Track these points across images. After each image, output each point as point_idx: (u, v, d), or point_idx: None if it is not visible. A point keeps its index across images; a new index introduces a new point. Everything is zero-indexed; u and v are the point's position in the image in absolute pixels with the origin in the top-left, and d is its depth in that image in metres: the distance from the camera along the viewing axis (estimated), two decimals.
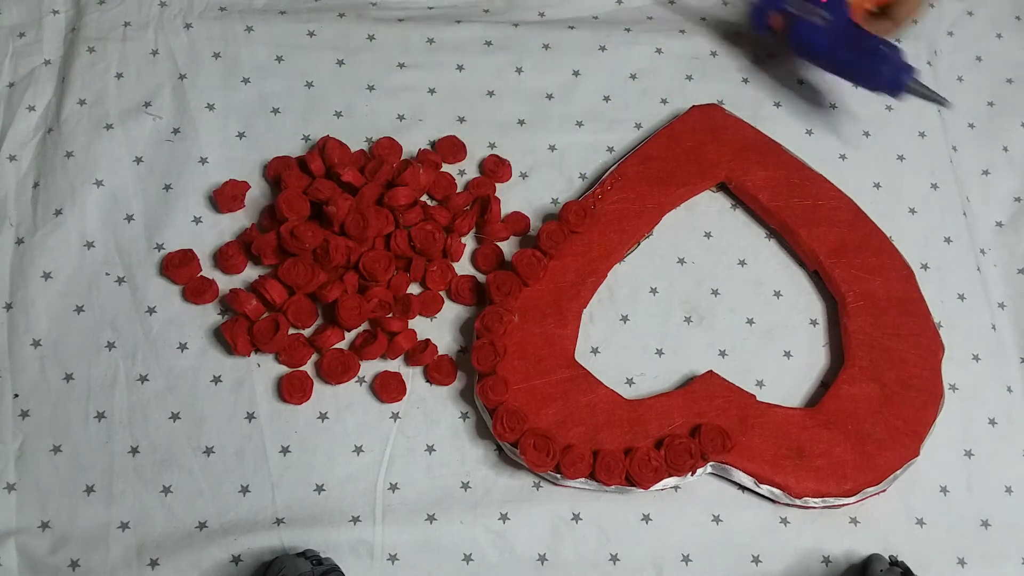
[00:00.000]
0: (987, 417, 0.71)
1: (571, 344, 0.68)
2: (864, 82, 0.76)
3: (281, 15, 0.79)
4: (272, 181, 0.73)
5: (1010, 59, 0.86)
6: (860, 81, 0.76)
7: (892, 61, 0.74)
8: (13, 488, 0.63)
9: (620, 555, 0.65)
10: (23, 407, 0.65)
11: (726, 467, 0.65)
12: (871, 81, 0.75)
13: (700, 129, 0.76)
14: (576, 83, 0.79)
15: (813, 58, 0.77)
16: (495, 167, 0.75)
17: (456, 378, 0.68)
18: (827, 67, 0.77)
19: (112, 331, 0.67)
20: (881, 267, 0.72)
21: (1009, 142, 0.82)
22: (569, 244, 0.71)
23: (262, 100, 0.76)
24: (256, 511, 0.64)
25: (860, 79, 0.76)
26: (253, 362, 0.68)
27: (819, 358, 0.72)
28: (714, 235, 0.75)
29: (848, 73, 0.76)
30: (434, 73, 0.78)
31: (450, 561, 0.64)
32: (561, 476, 0.64)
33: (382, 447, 0.66)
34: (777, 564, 0.65)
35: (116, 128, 0.73)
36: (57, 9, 0.77)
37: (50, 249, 0.69)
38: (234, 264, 0.69)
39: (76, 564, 0.62)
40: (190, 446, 0.65)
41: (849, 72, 0.76)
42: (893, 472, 0.66)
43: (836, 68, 0.76)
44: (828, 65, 0.77)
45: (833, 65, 0.76)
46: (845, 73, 0.76)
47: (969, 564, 0.67)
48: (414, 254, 0.70)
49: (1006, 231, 0.78)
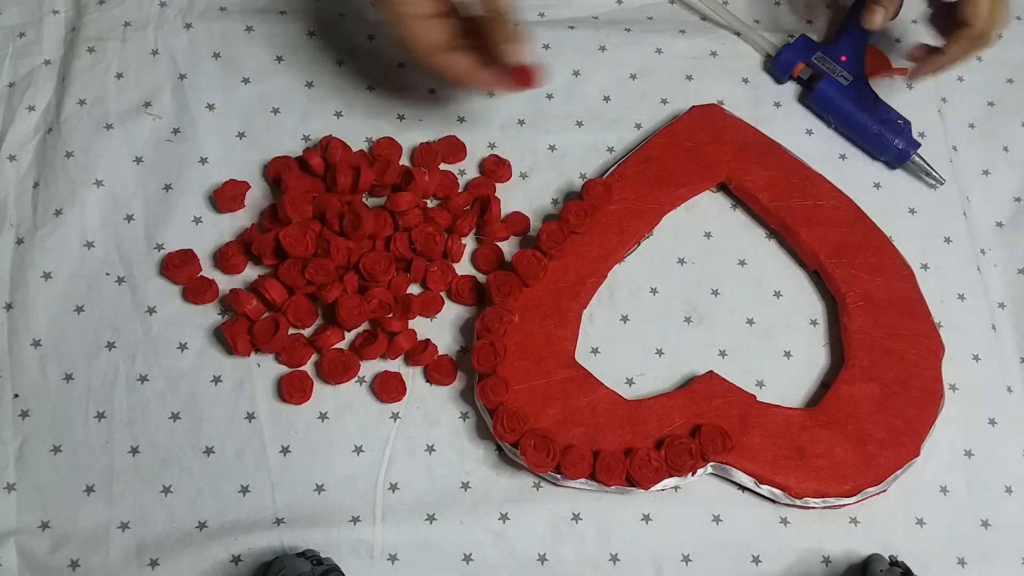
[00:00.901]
0: (987, 417, 0.71)
1: (571, 345, 0.68)
2: (872, 146, 0.78)
3: (281, 15, 0.79)
4: (272, 181, 0.73)
5: (1010, 59, 0.85)
6: (868, 144, 0.78)
7: (904, 135, 0.77)
8: (13, 488, 0.63)
9: (620, 555, 0.65)
10: (23, 407, 0.65)
11: (726, 467, 0.65)
12: (879, 147, 0.78)
13: (700, 129, 0.76)
14: (576, 83, 0.79)
15: (828, 112, 0.79)
16: (495, 167, 0.75)
17: (456, 378, 0.68)
18: (839, 124, 0.79)
19: (112, 331, 0.67)
20: (881, 267, 0.72)
21: (1009, 142, 0.82)
22: (569, 244, 0.71)
23: (262, 100, 0.76)
24: (256, 511, 0.64)
25: (869, 142, 0.78)
26: (253, 362, 0.68)
27: (819, 358, 0.72)
28: (714, 235, 0.75)
29: (859, 135, 0.78)
30: (434, 73, 0.78)
31: (450, 561, 0.64)
32: (561, 476, 0.64)
33: (382, 447, 0.66)
34: (777, 564, 0.66)
35: (116, 128, 0.73)
36: (57, 9, 0.77)
37: (50, 249, 0.69)
38: (234, 264, 0.69)
39: (76, 564, 0.62)
40: (190, 446, 0.65)
41: (861, 134, 0.78)
42: (893, 472, 0.66)
43: (849, 127, 0.79)
44: (841, 122, 0.79)
45: (847, 124, 0.78)
46: (855, 133, 0.78)
47: (969, 564, 0.67)
48: (414, 256, 0.70)
49: (1006, 231, 0.78)
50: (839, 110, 0.78)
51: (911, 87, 0.82)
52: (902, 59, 0.79)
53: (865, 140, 0.78)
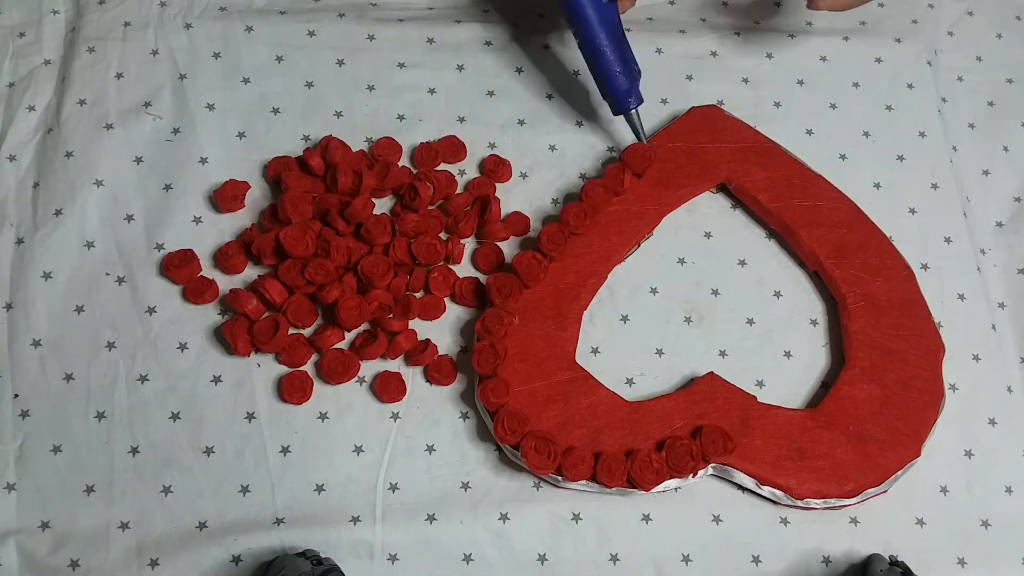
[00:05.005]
0: (987, 417, 0.71)
1: (572, 346, 0.68)
2: (605, 82, 0.73)
3: (281, 15, 0.79)
4: (272, 181, 0.73)
5: (1010, 59, 0.86)
6: (602, 77, 0.73)
7: (636, 83, 0.73)
8: (13, 488, 0.63)
9: (620, 555, 0.65)
10: (23, 407, 0.65)
11: (727, 469, 0.65)
12: (610, 85, 0.73)
13: (700, 130, 0.76)
14: (576, 83, 0.79)
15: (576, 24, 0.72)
16: (495, 167, 0.75)
17: (456, 378, 0.68)
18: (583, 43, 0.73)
19: (112, 331, 0.67)
20: (882, 268, 0.72)
21: (1009, 142, 0.82)
22: (569, 246, 0.71)
23: (262, 100, 0.76)
24: (256, 511, 0.64)
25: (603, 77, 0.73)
26: (253, 362, 0.68)
27: (819, 359, 0.72)
28: (714, 235, 0.75)
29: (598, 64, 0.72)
30: (434, 73, 0.78)
31: (450, 561, 0.64)
32: (562, 478, 0.64)
33: (382, 447, 0.66)
34: (777, 564, 0.66)
35: (116, 128, 0.73)
36: (57, 9, 0.77)
37: (50, 249, 0.69)
38: (234, 264, 0.69)
39: (76, 564, 0.62)
40: (190, 446, 0.65)
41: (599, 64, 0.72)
42: (894, 473, 0.66)
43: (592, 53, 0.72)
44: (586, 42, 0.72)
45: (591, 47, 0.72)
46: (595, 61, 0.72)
47: (969, 564, 0.67)
48: (414, 265, 0.70)
49: (1006, 231, 0.78)
50: (588, 26, 0.71)
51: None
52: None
53: (601, 73, 0.72)
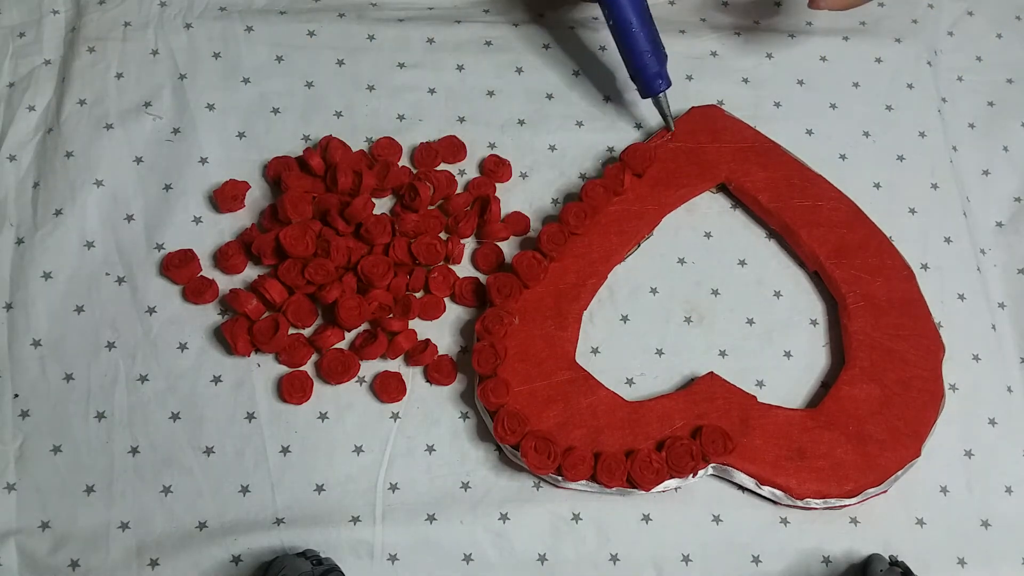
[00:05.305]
0: (987, 417, 0.71)
1: (571, 346, 0.68)
2: (635, 64, 0.73)
3: (281, 15, 0.79)
4: (272, 181, 0.73)
5: (1010, 59, 0.86)
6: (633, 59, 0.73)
7: (664, 66, 0.73)
8: (13, 488, 0.63)
9: (620, 555, 0.65)
10: (23, 407, 0.65)
11: (727, 469, 0.65)
12: (640, 68, 0.73)
13: (700, 130, 0.76)
14: (576, 83, 0.79)
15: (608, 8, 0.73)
16: (495, 167, 0.75)
17: (456, 378, 0.68)
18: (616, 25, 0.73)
19: (112, 331, 0.67)
20: (882, 268, 0.72)
21: (1009, 142, 0.82)
22: (569, 246, 0.71)
23: (262, 100, 0.76)
24: (256, 511, 0.64)
25: (634, 59, 0.73)
26: (253, 362, 0.68)
27: (819, 359, 0.72)
28: (714, 235, 0.75)
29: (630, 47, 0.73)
30: (434, 73, 0.78)
31: (450, 561, 0.64)
32: (563, 478, 0.64)
33: (382, 447, 0.66)
34: (777, 564, 0.66)
35: (116, 128, 0.73)
36: (57, 9, 0.77)
37: (50, 249, 0.69)
38: (234, 264, 0.69)
39: (76, 564, 0.62)
40: (190, 446, 0.65)
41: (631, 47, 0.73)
42: (894, 473, 0.66)
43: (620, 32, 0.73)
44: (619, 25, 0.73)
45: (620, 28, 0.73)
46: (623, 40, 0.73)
47: (969, 564, 0.67)
48: (414, 265, 0.70)
49: (1006, 231, 0.78)
50: (620, 8, 0.72)
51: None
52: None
53: (633, 54, 0.73)
